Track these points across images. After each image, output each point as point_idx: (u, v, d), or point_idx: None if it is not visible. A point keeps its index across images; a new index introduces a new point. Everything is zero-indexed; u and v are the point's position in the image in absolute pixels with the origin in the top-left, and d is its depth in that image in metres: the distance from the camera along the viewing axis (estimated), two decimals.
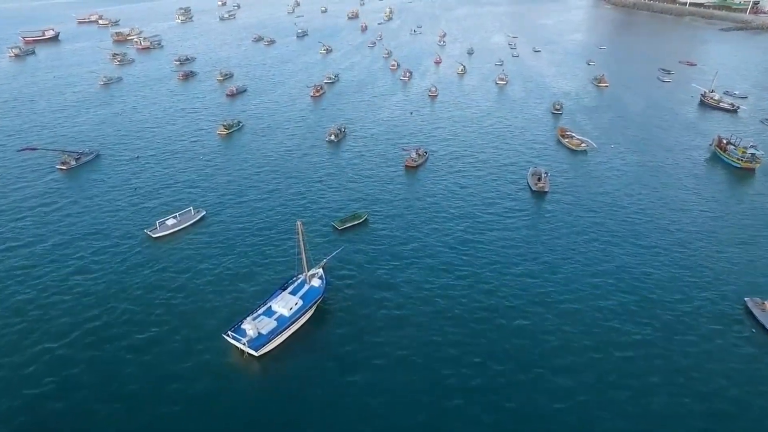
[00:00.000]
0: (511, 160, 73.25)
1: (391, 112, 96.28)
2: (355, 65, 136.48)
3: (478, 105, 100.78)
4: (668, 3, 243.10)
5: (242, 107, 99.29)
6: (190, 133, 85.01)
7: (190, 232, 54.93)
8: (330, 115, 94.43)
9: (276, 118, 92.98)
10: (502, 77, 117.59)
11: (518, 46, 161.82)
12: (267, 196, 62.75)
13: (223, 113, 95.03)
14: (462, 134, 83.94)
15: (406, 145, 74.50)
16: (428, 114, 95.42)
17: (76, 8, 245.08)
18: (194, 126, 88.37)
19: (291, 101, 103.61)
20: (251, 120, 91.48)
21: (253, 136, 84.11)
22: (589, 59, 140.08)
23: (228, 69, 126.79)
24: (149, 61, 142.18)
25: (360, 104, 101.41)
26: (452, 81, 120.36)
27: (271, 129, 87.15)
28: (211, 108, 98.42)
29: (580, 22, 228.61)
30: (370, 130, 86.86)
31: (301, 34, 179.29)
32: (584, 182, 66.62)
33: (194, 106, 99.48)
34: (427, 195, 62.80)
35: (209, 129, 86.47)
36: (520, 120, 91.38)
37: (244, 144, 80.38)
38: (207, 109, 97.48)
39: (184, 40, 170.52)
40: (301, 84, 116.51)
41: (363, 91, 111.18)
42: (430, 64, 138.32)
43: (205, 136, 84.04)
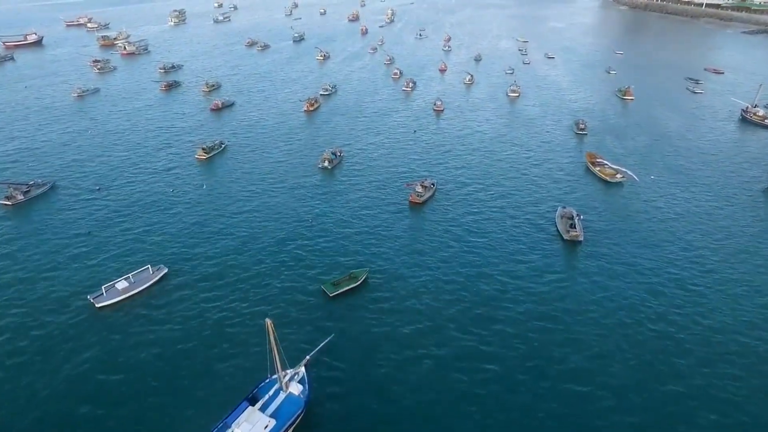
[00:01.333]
0: (534, 196, 61.66)
1: (393, 131, 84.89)
2: (354, 73, 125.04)
3: (489, 122, 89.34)
4: (682, 4, 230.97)
5: (227, 124, 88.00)
6: (165, 157, 73.70)
7: (144, 299, 43.73)
8: (325, 134, 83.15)
9: (264, 138, 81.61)
10: (515, 89, 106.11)
11: (529, 51, 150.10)
12: (244, 246, 51.06)
13: (204, 132, 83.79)
14: (473, 161, 72.25)
15: (410, 181, 63.03)
16: (434, 133, 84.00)
17: (67, 10, 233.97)
18: (170, 148, 77.03)
19: (282, 117, 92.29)
20: (236, 140, 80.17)
21: (236, 161, 72.76)
22: (608, 67, 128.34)
23: (215, 79, 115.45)
24: (133, 68, 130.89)
25: (358, 121, 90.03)
26: (459, 92, 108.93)
27: (258, 152, 75.79)
28: (192, 126, 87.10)
29: (592, 24, 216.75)
30: (369, 153, 75.53)
31: (298, 38, 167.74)
32: (626, 227, 54.92)
33: (173, 123, 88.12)
34: (438, 247, 50.97)
35: (187, 152, 75.13)
36: (540, 142, 79.84)
37: (224, 172, 69.04)
38: (187, 127, 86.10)
39: (174, 45, 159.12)
40: (296, 95, 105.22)
41: (362, 104, 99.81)
42: (435, 72, 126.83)
43: (181, 160, 72.78)
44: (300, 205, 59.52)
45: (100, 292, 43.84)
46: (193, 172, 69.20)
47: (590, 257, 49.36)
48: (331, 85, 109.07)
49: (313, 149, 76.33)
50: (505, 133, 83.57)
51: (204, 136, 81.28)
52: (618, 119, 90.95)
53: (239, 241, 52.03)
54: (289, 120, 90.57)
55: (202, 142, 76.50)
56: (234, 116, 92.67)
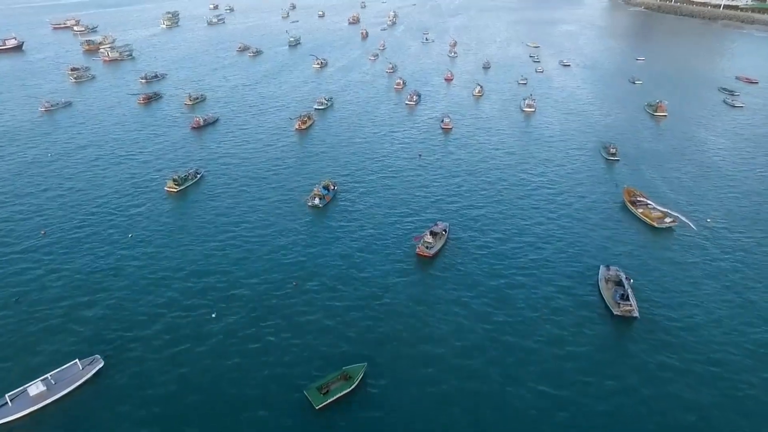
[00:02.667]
0: (568, 251, 49.45)
1: (395, 156, 73.28)
2: (352, 84, 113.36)
3: (504, 144, 77.58)
4: (699, 5, 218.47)
5: (207, 147, 76.50)
6: (129, 190, 62.19)
7: (66, 408, 32.52)
8: (317, 160, 71.60)
9: (248, 164, 70.08)
10: (530, 103, 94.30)
11: (542, 58, 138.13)
12: (205, 329, 39.63)
13: (180, 157, 72.38)
14: (490, 198, 60.07)
15: (418, 234, 50.99)
16: (442, 157, 72.36)
17: (59, 12, 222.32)
18: (136, 179, 65.65)
19: (271, 137, 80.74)
20: (215, 168, 68.69)
21: (211, 195, 61.26)
22: (632, 77, 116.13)
23: (200, 91, 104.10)
24: (113, 77, 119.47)
25: (356, 142, 78.34)
26: (468, 106, 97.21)
27: (238, 184, 64.32)
28: (167, 148, 75.60)
29: (605, 27, 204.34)
30: (367, 183, 63.94)
31: (294, 42, 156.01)
32: (689, 294, 42.94)
33: (146, 145, 76.63)
34: (454, 331, 38.97)
35: (156, 184, 63.64)
36: (565, 172, 67.99)
37: (195, 211, 57.52)
38: (161, 150, 74.54)
39: (161, 51, 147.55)
40: (287, 109, 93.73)
41: (360, 121, 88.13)
42: (441, 81, 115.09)
43: (146, 195, 61.35)
44: (283, 260, 47.89)
45: (3, 402, 32.65)
46: (159, 209, 57.73)
47: (651, 344, 37.71)
48: (327, 98, 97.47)
49: (303, 180, 64.82)
50: (523, 159, 71.84)
51: (178, 163, 69.92)
52: (653, 142, 78.72)
53: (198, 322, 40.53)
54: (279, 140, 79.05)
55: (175, 171, 65.04)
56: (216, 136, 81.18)
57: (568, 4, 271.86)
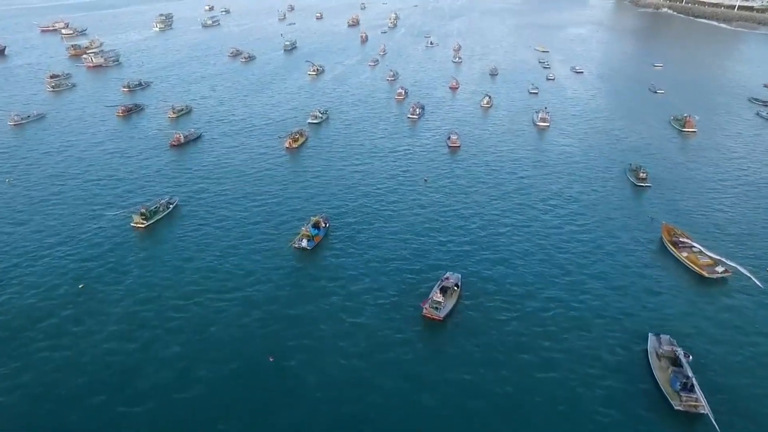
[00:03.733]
0: (605, 314, 39.86)
1: (397, 179, 64.13)
2: (351, 94, 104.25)
3: (519, 166, 68.36)
4: (711, 6, 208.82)
5: (186, 170, 67.49)
6: (87, 228, 53.05)
7: None
8: (307, 187, 62.40)
9: (228, 192, 60.91)
10: (544, 117, 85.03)
11: (551, 64, 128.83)
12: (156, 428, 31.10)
13: (153, 183, 63.37)
14: (509, 240, 50.56)
15: (426, 298, 40.51)
16: (450, 183, 63.15)
17: (47, 14, 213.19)
18: (100, 210, 56.78)
19: (257, 157, 71.74)
20: (191, 196, 59.64)
21: (183, 232, 52.23)
22: (652, 85, 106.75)
23: (185, 102, 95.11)
24: (95, 85, 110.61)
25: (352, 164, 69.07)
26: (476, 120, 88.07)
27: (216, 217, 55.22)
28: (141, 172, 66.53)
29: (614, 30, 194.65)
30: (363, 217, 54.67)
31: (289, 47, 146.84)
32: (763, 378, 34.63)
33: (117, 169, 67.43)
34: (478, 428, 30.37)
35: (121, 219, 54.80)
36: (591, 201, 58.56)
37: (160, 256, 48.39)
38: (133, 176, 65.45)
39: (150, 56, 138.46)
40: (278, 124, 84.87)
41: (358, 138, 78.89)
42: (445, 90, 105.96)
43: (108, 232, 52.32)
44: (257, 331, 38.90)
45: None
46: (120, 252, 48.80)
47: None
48: (322, 111, 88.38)
49: (291, 214, 55.83)
50: (542, 186, 62.70)
51: (151, 191, 60.98)
52: (685, 164, 69.10)
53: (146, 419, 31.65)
54: (266, 162, 70.06)
55: (144, 203, 56.01)
56: (197, 156, 72.25)
57: (572, 5, 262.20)
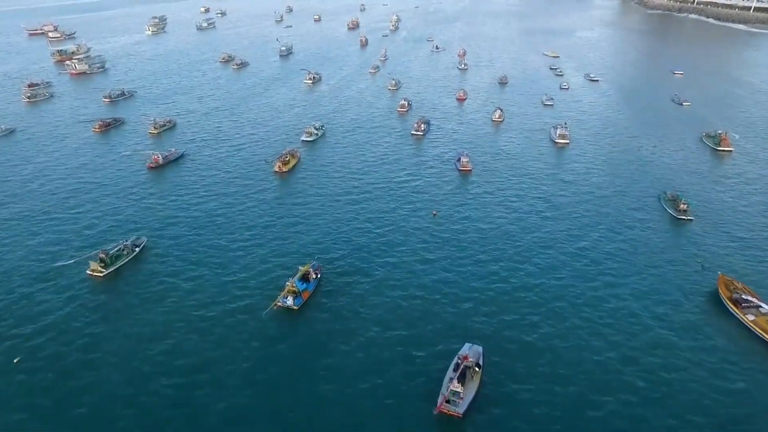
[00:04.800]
0: (664, 406, 32.01)
1: (400, 212, 55.02)
2: (349, 105, 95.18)
3: (539, 195, 59.08)
4: (724, 8, 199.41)
5: (160, 198, 58.51)
6: (34, 279, 44.21)
7: None
8: (297, 221, 53.55)
9: (206, 231, 51.94)
10: (563, 133, 75.86)
11: (564, 71, 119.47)
12: None
13: (122, 217, 54.60)
14: (536, 296, 41.57)
15: (439, 403, 30.77)
16: (462, 218, 53.96)
17: (38, 16, 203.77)
18: (54, 253, 48.06)
19: (243, 182, 62.60)
20: (163, 233, 50.98)
21: (145, 288, 43.28)
22: (675, 95, 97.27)
23: (169, 116, 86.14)
24: (75, 95, 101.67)
25: (349, 195, 59.66)
26: (488, 137, 78.99)
27: (186, 264, 46.11)
28: (112, 202, 57.60)
29: (625, 33, 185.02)
30: (361, 264, 45.79)
31: (285, 52, 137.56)
32: None
33: (84, 200, 58.33)
34: None
35: (78, 266, 45.85)
36: (627, 242, 48.92)
37: (118, 319, 39.45)
38: (102, 206, 56.63)
39: (139, 62, 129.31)
40: (267, 142, 76.13)
41: (357, 160, 69.61)
42: (452, 102, 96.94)
43: (61, 282, 43.62)
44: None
45: None
46: (69, 310, 40.10)
47: None
48: (318, 127, 79.39)
49: (275, 259, 46.94)
50: (568, 221, 53.48)
51: (118, 226, 52.26)
52: (727, 193, 59.55)
53: None
54: (252, 188, 61.10)
55: (105, 248, 47.06)
56: (176, 181, 63.38)
57: (576, 7, 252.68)
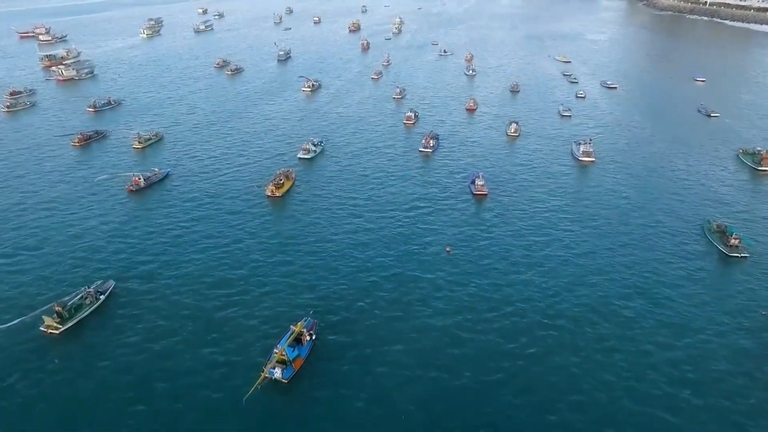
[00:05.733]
0: None
1: (409, 251, 47.21)
2: (351, 115, 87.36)
3: (567, 225, 50.95)
4: (738, 9, 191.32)
5: (137, 231, 50.68)
6: None
7: None
8: (292, 260, 45.84)
9: (186, 277, 43.76)
10: (587, 150, 67.89)
11: (578, 77, 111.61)
12: None
13: (91, 255, 47.00)
14: (579, 368, 34.26)
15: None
16: (479, 256, 46.14)
17: (32, 18, 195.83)
18: (6, 303, 40.62)
19: (231, 210, 54.57)
20: (132, 278, 43.45)
21: (109, 347, 35.84)
22: (702, 106, 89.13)
23: (155, 128, 78.36)
24: (58, 105, 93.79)
25: (349, 227, 51.52)
26: (503, 154, 71.01)
27: (159, 317, 38.76)
28: (83, 234, 49.84)
29: (636, 36, 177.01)
30: (362, 329, 38.10)
31: (283, 56, 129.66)
32: None
33: (47, 231, 50.57)
34: None
35: (32, 323, 38.34)
36: (672, 288, 41.59)
37: (70, 388, 32.56)
38: (69, 242, 49.03)
39: (130, 67, 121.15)
40: (261, 159, 68.64)
41: (359, 182, 61.70)
42: (461, 113, 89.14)
43: (10, 339, 36.49)
44: None
45: None
46: (19, 378, 32.75)
47: None
48: (316, 143, 71.57)
49: (264, 310, 39.44)
50: (603, 259, 45.84)
51: (84, 269, 44.64)
52: None
53: None
54: (241, 219, 53.12)
55: (66, 295, 39.56)
56: (157, 208, 55.52)
57: (582, 9, 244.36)
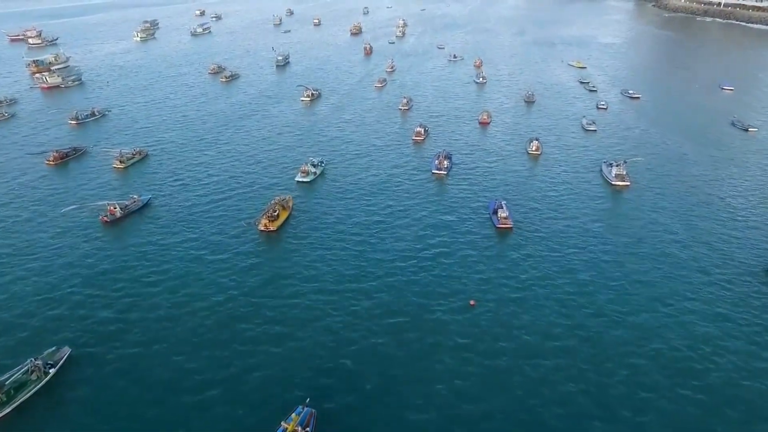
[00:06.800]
0: None
1: (425, 308, 39.31)
2: (354, 129, 78.80)
3: (603, 264, 43.69)
4: (757, 10, 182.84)
5: (103, 277, 42.57)
6: None
7: None
8: (285, 335, 37.67)
9: (156, 337, 36.04)
10: (621, 174, 59.51)
11: (596, 85, 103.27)
12: None
13: (39, 313, 38.90)
14: None
15: None
16: (508, 310, 38.50)
17: (25, 20, 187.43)
18: None
19: (219, 250, 46.61)
20: (94, 343, 35.35)
21: None
22: (736, 119, 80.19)
23: (137, 147, 69.76)
24: (41, 115, 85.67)
25: (354, 267, 43.98)
26: (525, 177, 62.25)
27: (118, 409, 30.85)
28: (32, 287, 41.88)
29: (649, 38, 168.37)
30: (376, 418, 30.45)
31: (282, 62, 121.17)
32: None
33: (9, 286, 43.35)
34: None
35: None
36: (738, 354, 34.41)
37: None
38: (16, 296, 41.36)
39: (121, 74, 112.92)
40: (257, 179, 60.60)
41: (364, 213, 53.27)
42: (474, 127, 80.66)
43: None
44: None
45: None
46: None
47: None
48: (316, 163, 63.24)
49: (251, 408, 31.58)
50: (657, 322, 38.03)
51: (35, 335, 36.62)
52: None
53: None
54: (227, 264, 44.29)
55: (6, 370, 31.73)
56: (132, 245, 47.25)
57: (589, 10, 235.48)
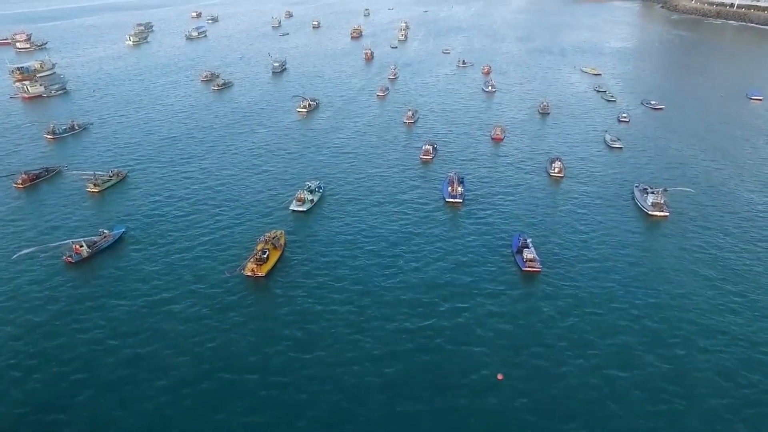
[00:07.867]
0: None
1: (444, 385, 31.83)
2: (354, 145, 71.08)
3: (647, 317, 36.41)
4: None
5: (60, 340, 35.28)
6: None
7: None
8: (273, 424, 30.76)
9: (112, 417, 29.23)
10: (658, 203, 51.95)
11: (614, 94, 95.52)
12: None
13: None
14: None
15: None
16: (539, 374, 31.25)
17: (19, 24, 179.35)
18: None
19: (195, 301, 39.43)
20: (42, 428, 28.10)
21: None
22: None
23: (114, 168, 62.21)
24: (17, 129, 78.10)
25: (358, 334, 35.81)
26: (548, 202, 54.74)
27: None
28: None
29: (661, 42, 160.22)
30: None
31: (278, 68, 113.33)
32: None
33: None
34: None
35: None
36: None
37: None
38: None
39: (109, 81, 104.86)
40: (246, 209, 53.02)
41: (370, 255, 45.67)
42: (487, 143, 72.80)
43: None
44: None
45: None
46: None
47: None
48: (312, 188, 55.43)
49: None
50: (720, 402, 30.67)
51: None
52: None
53: None
54: (204, 325, 36.71)
55: None
56: (98, 297, 39.67)
57: (596, 12, 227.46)
